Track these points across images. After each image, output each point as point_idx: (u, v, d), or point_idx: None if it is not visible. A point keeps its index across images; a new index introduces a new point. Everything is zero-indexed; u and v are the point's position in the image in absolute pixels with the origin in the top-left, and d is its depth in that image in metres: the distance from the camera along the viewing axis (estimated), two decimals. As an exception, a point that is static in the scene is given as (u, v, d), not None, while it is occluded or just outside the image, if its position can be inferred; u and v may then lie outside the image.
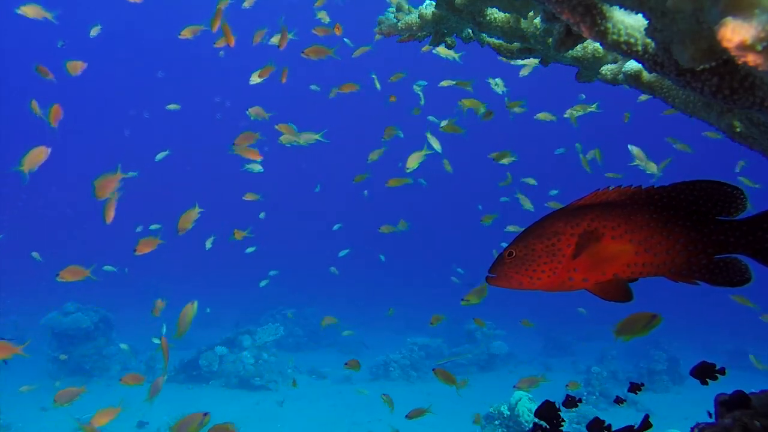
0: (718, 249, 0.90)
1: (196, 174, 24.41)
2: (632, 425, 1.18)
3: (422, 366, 7.78)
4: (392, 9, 1.55)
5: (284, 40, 3.16)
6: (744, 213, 0.90)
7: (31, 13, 3.12)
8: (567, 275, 0.95)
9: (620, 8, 0.71)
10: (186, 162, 23.62)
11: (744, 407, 0.97)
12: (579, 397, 1.53)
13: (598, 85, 1.42)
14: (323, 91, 3.70)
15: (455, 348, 8.41)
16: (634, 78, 1.06)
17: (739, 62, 0.47)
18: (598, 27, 0.74)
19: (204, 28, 3.24)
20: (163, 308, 3.71)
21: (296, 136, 3.58)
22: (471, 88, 3.68)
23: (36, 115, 2.88)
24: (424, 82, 4.45)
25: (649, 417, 1.15)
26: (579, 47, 1.36)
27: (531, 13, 1.35)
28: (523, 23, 1.39)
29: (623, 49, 0.77)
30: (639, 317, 1.53)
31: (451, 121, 3.60)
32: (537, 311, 9.64)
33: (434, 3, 1.44)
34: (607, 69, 1.27)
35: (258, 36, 3.64)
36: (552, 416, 1.35)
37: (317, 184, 6.71)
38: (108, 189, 2.63)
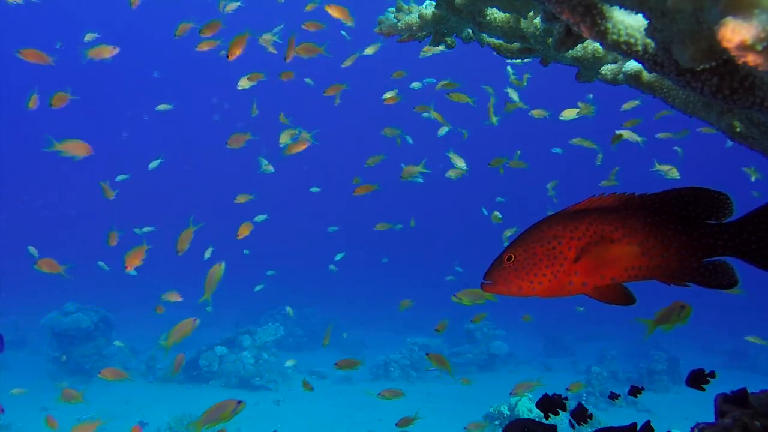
0: (708, 252, 0.93)
1: (195, 174, 24.43)
2: (635, 423, 1.18)
3: (422, 366, 7.78)
4: (392, 9, 1.55)
5: (290, 52, 3.14)
6: (731, 217, 0.92)
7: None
8: (567, 279, 0.95)
9: (620, 8, 0.71)
10: (185, 162, 23.63)
11: (744, 405, 0.97)
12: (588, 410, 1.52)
13: (601, 85, 1.42)
14: (323, 91, 3.70)
15: (455, 348, 8.41)
16: (634, 78, 1.06)
17: (739, 62, 0.47)
18: (598, 27, 0.74)
19: (194, 26, 3.21)
20: (163, 312, 3.73)
21: (299, 141, 3.58)
22: (462, 98, 3.68)
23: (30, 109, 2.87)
24: (420, 84, 4.46)
25: (651, 422, 1.15)
26: (579, 47, 1.36)
27: (531, 13, 1.35)
28: (523, 23, 1.39)
29: (623, 49, 0.77)
30: (672, 308, 1.55)
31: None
32: (537, 311, 9.63)
33: (434, 3, 1.44)
34: (607, 69, 1.27)
35: (267, 40, 3.61)
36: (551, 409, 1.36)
37: (315, 185, 6.71)
38: (136, 261, 2.73)
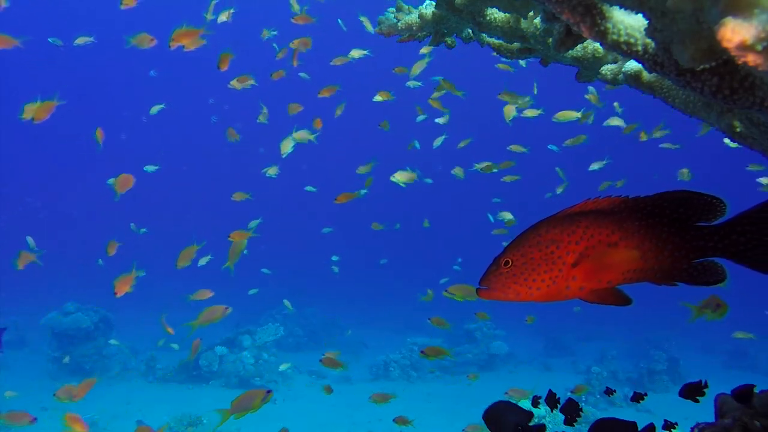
0: (699, 253, 0.94)
1: (194, 175, 24.40)
2: (635, 422, 1.18)
3: (422, 366, 7.78)
4: (392, 9, 1.55)
5: (296, 57, 3.15)
6: (722, 219, 0.94)
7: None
8: (565, 284, 0.95)
9: (620, 8, 0.71)
10: (183, 162, 23.61)
11: (747, 402, 0.97)
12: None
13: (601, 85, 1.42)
14: (322, 89, 3.70)
15: (455, 348, 8.41)
16: (634, 78, 1.06)
17: (739, 62, 0.47)
18: (598, 27, 0.74)
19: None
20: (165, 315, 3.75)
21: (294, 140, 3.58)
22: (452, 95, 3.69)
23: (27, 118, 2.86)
24: (419, 83, 4.44)
25: (655, 427, 1.15)
26: (579, 47, 1.36)
27: (531, 13, 1.35)
28: (523, 23, 1.39)
29: (623, 49, 0.77)
30: (709, 302, 1.59)
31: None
32: (537, 311, 9.61)
33: (434, 3, 1.44)
34: (607, 69, 1.27)
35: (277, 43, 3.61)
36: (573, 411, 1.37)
37: (315, 185, 6.72)
38: (125, 287, 2.80)
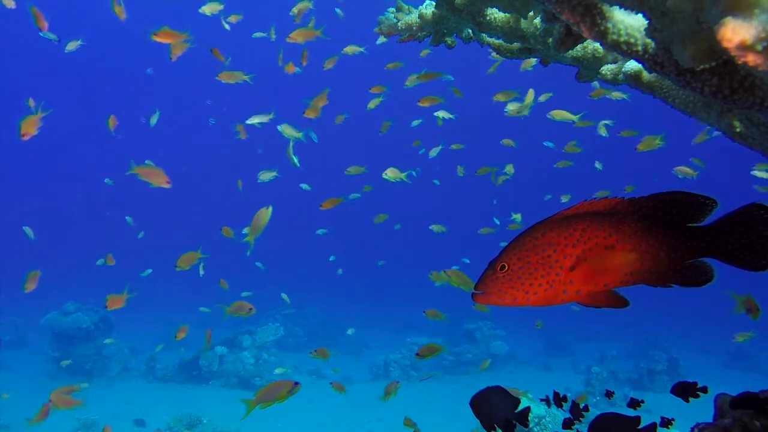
0: (692, 254, 0.95)
1: (192, 175, 24.37)
2: (639, 416, 1.18)
3: (422, 366, 7.78)
4: (392, 9, 1.55)
5: (305, 60, 3.15)
6: (713, 219, 0.95)
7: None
8: (562, 288, 0.93)
9: (620, 8, 0.71)
10: (180, 163, 23.59)
11: (750, 407, 0.97)
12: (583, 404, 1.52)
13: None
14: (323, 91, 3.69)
15: (455, 348, 8.41)
16: (634, 78, 1.06)
17: (739, 62, 0.47)
18: (598, 27, 0.74)
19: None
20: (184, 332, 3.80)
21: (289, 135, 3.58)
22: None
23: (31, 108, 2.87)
24: (414, 81, 4.42)
25: (657, 426, 1.15)
26: (579, 47, 1.36)
27: (531, 13, 1.35)
28: (523, 23, 1.39)
29: (623, 49, 0.77)
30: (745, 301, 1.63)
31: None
32: (536, 311, 9.64)
33: (434, 3, 1.44)
34: (607, 69, 1.27)
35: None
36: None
37: (309, 185, 6.71)
38: (118, 304, 2.89)
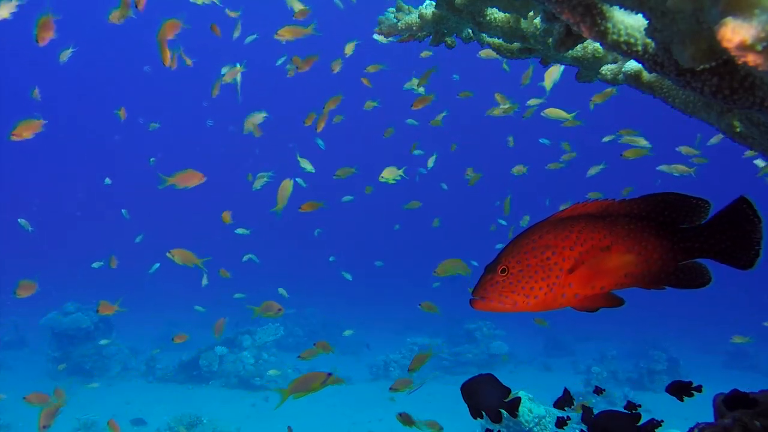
0: (686, 255, 0.94)
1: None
2: (639, 414, 1.18)
3: (422, 366, 7.77)
4: (392, 9, 1.55)
5: (308, 65, 3.12)
6: (706, 220, 0.94)
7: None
8: (561, 291, 0.92)
9: (620, 8, 0.71)
10: (179, 164, 23.56)
11: (745, 406, 0.97)
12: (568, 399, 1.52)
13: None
14: (321, 94, 3.70)
15: (455, 348, 8.42)
16: (634, 78, 1.06)
17: (739, 62, 0.47)
18: (598, 27, 0.74)
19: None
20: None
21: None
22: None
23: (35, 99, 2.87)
24: (415, 86, 4.42)
25: (656, 423, 1.15)
26: (579, 47, 1.36)
27: (531, 13, 1.35)
28: (523, 23, 1.39)
29: (623, 49, 0.77)
30: None
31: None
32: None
33: (434, 3, 1.44)
34: (607, 69, 1.27)
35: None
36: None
37: (310, 186, 6.72)
38: (108, 311, 2.91)
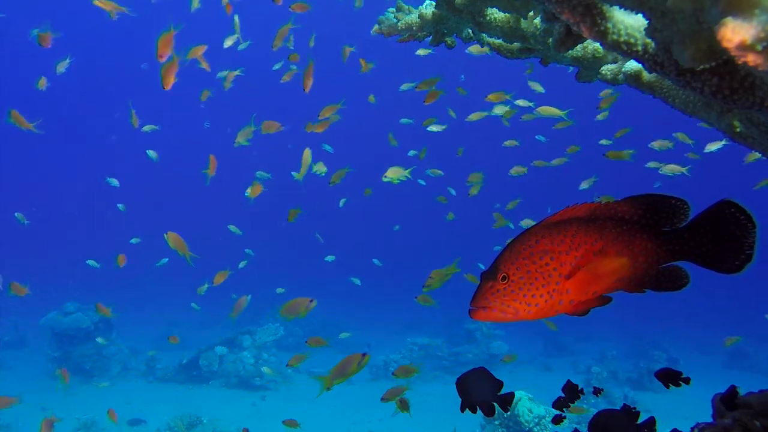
0: (668, 258, 0.93)
1: (190, 176, 24.35)
2: (638, 412, 1.19)
3: (422, 366, 7.77)
4: (392, 9, 1.55)
5: (309, 79, 3.11)
6: (686, 222, 0.94)
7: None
8: (559, 298, 0.90)
9: (620, 8, 0.71)
10: (177, 164, 23.54)
11: (735, 403, 0.97)
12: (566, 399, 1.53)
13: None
14: (320, 100, 3.70)
15: (455, 348, 8.42)
16: (634, 78, 1.06)
17: (739, 62, 0.47)
18: (598, 27, 0.74)
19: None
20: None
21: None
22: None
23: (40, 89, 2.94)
24: (409, 84, 4.41)
25: (655, 421, 1.15)
26: (579, 47, 1.36)
27: (531, 13, 1.35)
28: (523, 23, 1.39)
29: (623, 49, 0.77)
30: None
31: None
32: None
33: (434, 3, 1.44)
34: (607, 69, 1.27)
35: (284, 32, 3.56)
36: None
37: (308, 187, 6.72)
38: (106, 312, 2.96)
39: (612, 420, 1.18)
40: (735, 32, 0.45)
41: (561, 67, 1.57)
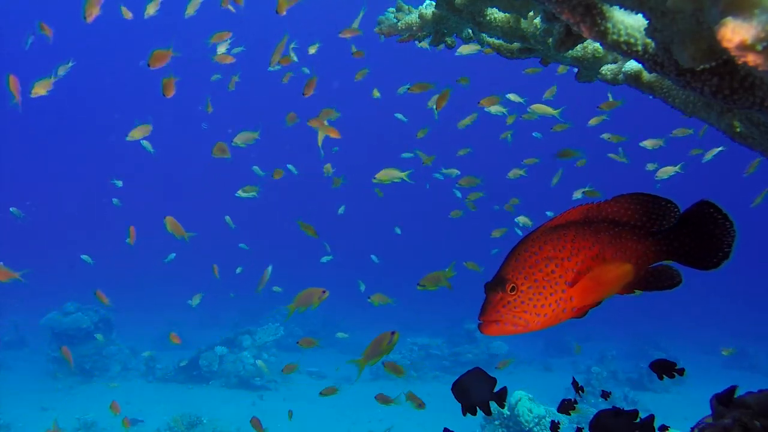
0: (656, 259, 0.94)
1: (189, 177, 24.35)
2: (637, 410, 1.19)
3: (422, 366, 7.78)
4: (392, 9, 1.55)
5: (310, 90, 3.10)
6: (674, 223, 0.94)
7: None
8: (564, 306, 0.87)
9: (620, 8, 0.71)
10: (177, 165, 23.56)
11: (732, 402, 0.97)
12: (574, 399, 1.53)
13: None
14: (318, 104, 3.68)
15: (455, 348, 8.42)
16: (634, 78, 1.06)
17: (739, 62, 0.47)
18: (598, 27, 0.74)
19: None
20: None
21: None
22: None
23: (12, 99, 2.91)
24: (405, 88, 4.41)
25: (654, 418, 1.16)
26: (579, 47, 1.36)
27: (531, 13, 1.35)
28: (523, 23, 1.39)
29: (623, 49, 0.77)
30: None
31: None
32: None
33: (434, 3, 1.44)
34: (607, 69, 1.27)
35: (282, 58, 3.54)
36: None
37: (310, 188, 6.74)
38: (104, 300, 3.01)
39: (612, 419, 1.18)
40: (735, 32, 0.45)
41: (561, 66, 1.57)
